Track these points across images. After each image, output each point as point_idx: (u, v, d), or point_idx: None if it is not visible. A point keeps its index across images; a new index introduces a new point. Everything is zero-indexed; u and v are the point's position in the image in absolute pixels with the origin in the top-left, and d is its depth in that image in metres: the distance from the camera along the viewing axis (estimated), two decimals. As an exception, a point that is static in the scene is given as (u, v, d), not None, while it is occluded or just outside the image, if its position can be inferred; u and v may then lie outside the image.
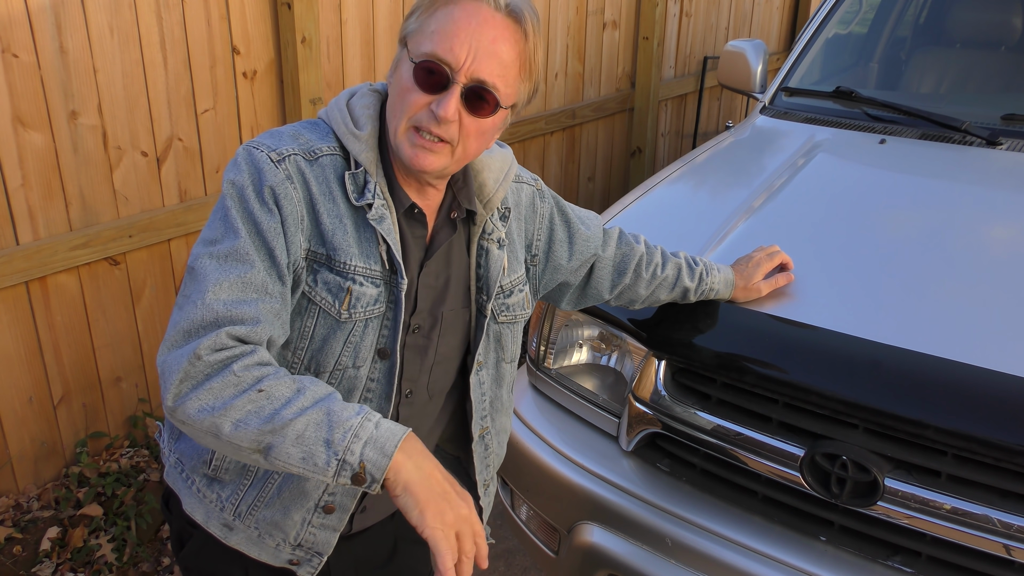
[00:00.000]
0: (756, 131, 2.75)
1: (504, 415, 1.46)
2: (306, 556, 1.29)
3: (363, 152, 1.18)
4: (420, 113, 1.13)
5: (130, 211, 2.73)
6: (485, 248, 1.31)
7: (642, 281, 1.60)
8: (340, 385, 1.21)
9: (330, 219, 1.16)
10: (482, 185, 1.30)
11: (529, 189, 1.44)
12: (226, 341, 1.06)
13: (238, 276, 1.09)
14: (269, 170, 1.13)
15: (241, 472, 1.25)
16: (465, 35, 1.11)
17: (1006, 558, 1.44)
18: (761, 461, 1.64)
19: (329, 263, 1.16)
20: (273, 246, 1.12)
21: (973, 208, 2.07)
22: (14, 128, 2.41)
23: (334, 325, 1.18)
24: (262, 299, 1.11)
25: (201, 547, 1.33)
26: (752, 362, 1.65)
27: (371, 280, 1.19)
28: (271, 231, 1.12)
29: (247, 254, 1.11)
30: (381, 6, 3.37)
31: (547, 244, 1.47)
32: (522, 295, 1.39)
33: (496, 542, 2.69)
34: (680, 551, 1.67)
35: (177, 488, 1.31)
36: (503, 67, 1.14)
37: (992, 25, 3.00)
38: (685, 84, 5.40)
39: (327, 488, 1.24)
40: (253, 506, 1.25)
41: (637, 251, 1.59)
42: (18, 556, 2.44)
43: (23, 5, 2.36)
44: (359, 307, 1.18)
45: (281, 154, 1.15)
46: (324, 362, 1.19)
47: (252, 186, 1.13)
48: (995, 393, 1.46)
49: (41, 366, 2.64)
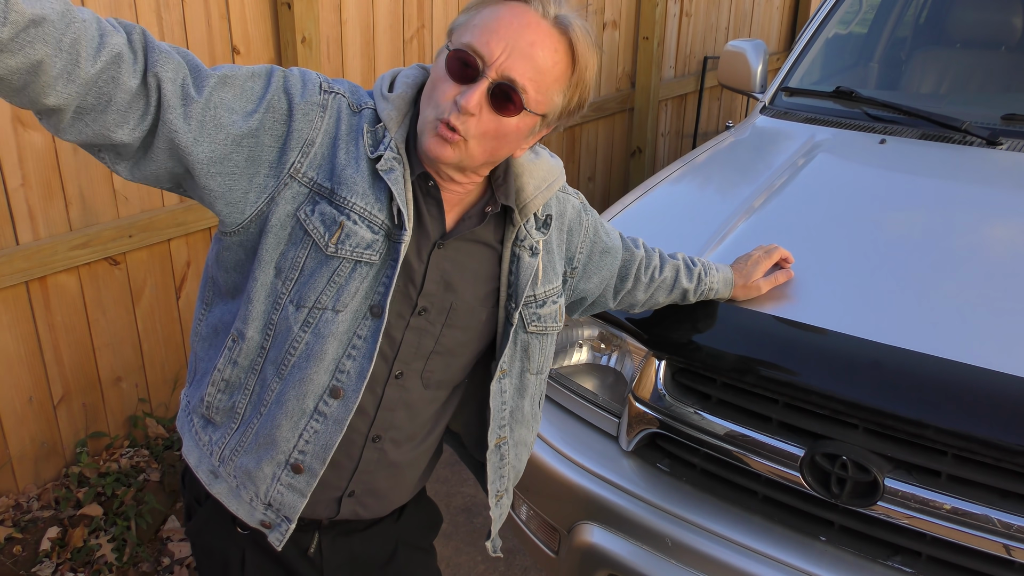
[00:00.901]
0: (756, 131, 2.75)
1: (525, 428, 1.43)
2: (276, 519, 1.28)
3: (386, 110, 1.20)
4: (446, 103, 1.14)
5: (130, 211, 2.73)
6: (517, 254, 1.31)
7: (641, 285, 1.60)
8: (316, 328, 1.19)
9: (346, 156, 1.18)
10: (520, 188, 1.29)
11: (575, 202, 1.43)
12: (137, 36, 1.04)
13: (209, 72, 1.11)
14: (311, 90, 1.17)
15: (229, 414, 1.27)
16: (505, 32, 1.11)
17: (1006, 558, 1.44)
18: (761, 461, 1.64)
19: (331, 196, 1.17)
20: (257, 108, 1.13)
21: (973, 208, 2.07)
22: (14, 128, 2.41)
23: (322, 259, 1.18)
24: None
25: (203, 524, 1.35)
26: (752, 362, 1.65)
27: (368, 223, 1.18)
28: (264, 102, 1.13)
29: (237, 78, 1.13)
30: (381, 6, 3.37)
31: (587, 258, 1.47)
32: (555, 307, 1.38)
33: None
34: (680, 551, 1.67)
35: (182, 432, 1.34)
36: (537, 71, 1.13)
37: (992, 25, 3.00)
38: (685, 84, 5.40)
39: (297, 444, 1.23)
40: (234, 451, 1.27)
41: (637, 256, 1.58)
42: (18, 556, 2.44)
43: (23, 5, 2.36)
44: (347, 244, 1.17)
45: (332, 89, 1.19)
46: (306, 296, 1.18)
47: (287, 77, 1.16)
48: (995, 393, 1.46)
49: (41, 366, 2.64)
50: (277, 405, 1.22)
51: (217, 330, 1.29)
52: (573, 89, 1.19)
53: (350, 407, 1.22)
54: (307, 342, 1.20)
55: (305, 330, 1.19)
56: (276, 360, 1.21)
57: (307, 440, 1.23)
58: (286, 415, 1.22)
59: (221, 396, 1.26)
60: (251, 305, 1.20)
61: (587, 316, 1.94)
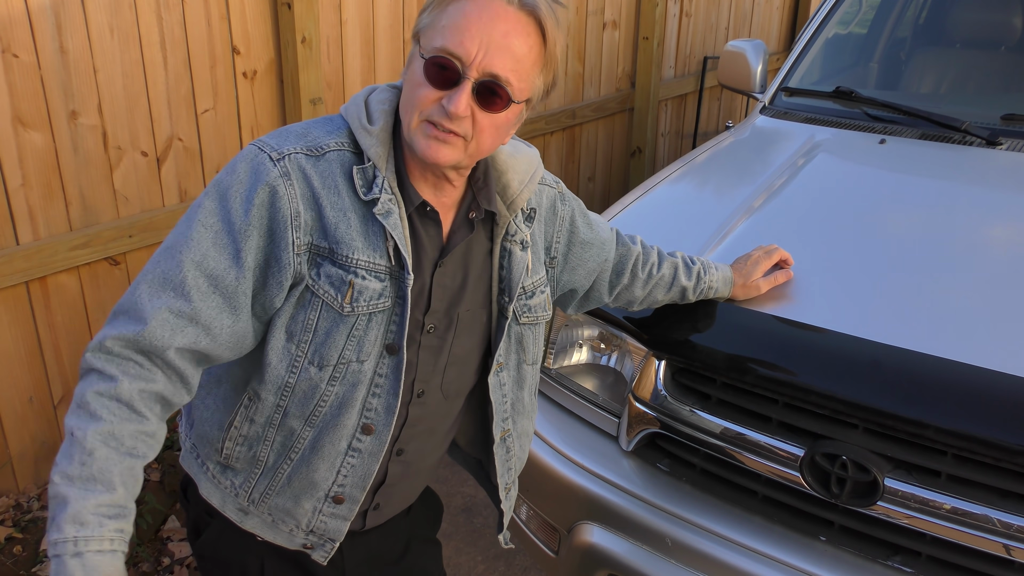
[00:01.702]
0: (756, 131, 2.75)
1: (526, 418, 1.44)
2: (319, 541, 1.31)
3: (373, 147, 1.18)
4: (431, 108, 1.12)
5: (130, 211, 2.73)
6: (508, 249, 1.30)
7: (638, 281, 1.60)
8: (344, 379, 1.20)
9: (334, 212, 1.16)
10: (506, 186, 1.29)
11: (551, 192, 1.43)
12: (122, 350, 1.11)
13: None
14: (266, 169, 1.14)
15: (251, 462, 1.27)
16: (476, 29, 1.10)
17: (1006, 558, 1.44)
18: (761, 461, 1.64)
19: (332, 256, 1.16)
20: (240, 245, 1.13)
21: (973, 208, 2.07)
22: (14, 128, 2.41)
23: (337, 318, 1.17)
24: (204, 298, 1.14)
25: (219, 536, 1.34)
26: (752, 362, 1.65)
27: (375, 274, 1.18)
28: (241, 231, 1.13)
29: (200, 246, 1.14)
30: (381, 6, 3.37)
31: (566, 247, 1.47)
32: (543, 296, 1.38)
33: (496, 542, 2.69)
34: (680, 551, 1.67)
35: (193, 473, 1.33)
36: (516, 61, 1.12)
37: (992, 25, 3.00)
38: (685, 84, 5.40)
39: (336, 480, 1.26)
40: (265, 494, 1.27)
41: (633, 251, 1.59)
42: (18, 556, 2.44)
43: (23, 5, 2.36)
44: (362, 301, 1.17)
45: (281, 152, 1.15)
46: (327, 355, 1.19)
47: (239, 187, 1.14)
48: (995, 393, 1.46)
49: (41, 366, 2.64)
50: (312, 451, 1.24)
51: (220, 380, 1.28)
52: (548, 68, 1.19)
53: (383, 440, 1.25)
54: (337, 393, 1.21)
55: (333, 384, 1.21)
56: (302, 414, 1.22)
57: (345, 475, 1.26)
58: (322, 458, 1.24)
59: (240, 449, 1.27)
60: (268, 370, 1.20)
61: (585, 313, 1.95)
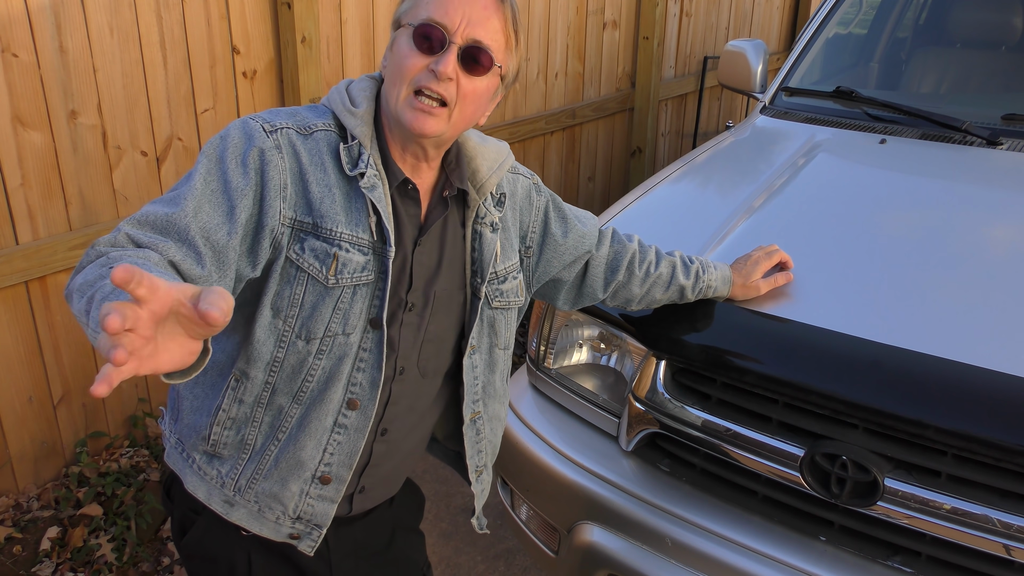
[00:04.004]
0: (756, 131, 2.75)
1: (497, 402, 1.47)
2: (306, 529, 1.32)
3: (358, 127, 1.24)
4: (420, 74, 1.19)
5: (130, 211, 2.73)
6: (479, 231, 1.36)
7: (636, 279, 1.61)
8: (331, 353, 1.23)
9: (319, 188, 1.20)
10: (475, 171, 1.35)
11: (526, 182, 1.48)
12: (123, 239, 1.08)
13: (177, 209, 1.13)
14: (259, 136, 1.18)
15: (239, 447, 1.28)
16: (459, 4, 1.19)
17: (1006, 558, 1.44)
18: (761, 461, 1.64)
19: (315, 230, 1.20)
20: (235, 203, 1.14)
21: (973, 208, 2.07)
22: (14, 128, 2.41)
23: (322, 291, 1.21)
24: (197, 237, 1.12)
25: (204, 533, 1.34)
26: (752, 362, 1.65)
27: (358, 248, 1.22)
28: (237, 190, 1.15)
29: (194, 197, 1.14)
30: (381, 6, 3.37)
31: (542, 236, 1.50)
32: (516, 282, 1.43)
33: (496, 542, 2.69)
34: (680, 551, 1.67)
35: (178, 469, 1.33)
36: (495, 32, 1.21)
37: (992, 25, 3.00)
38: (685, 84, 5.40)
39: (323, 459, 1.27)
40: (252, 479, 1.28)
41: (630, 248, 1.60)
42: (18, 556, 2.44)
43: (23, 5, 2.36)
44: (346, 273, 1.21)
45: (274, 126, 1.20)
46: (314, 328, 1.22)
47: (234, 149, 1.16)
48: (995, 393, 1.45)
49: (41, 366, 2.64)
50: (299, 428, 1.25)
51: (204, 369, 1.29)
52: (517, 54, 1.28)
53: (368, 415, 1.27)
54: (324, 367, 1.24)
55: (320, 357, 1.23)
56: (290, 390, 1.24)
57: (332, 452, 1.27)
58: (309, 435, 1.26)
59: (228, 433, 1.28)
60: (255, 347, 1.22)
61: (585, 313, 1.95)
